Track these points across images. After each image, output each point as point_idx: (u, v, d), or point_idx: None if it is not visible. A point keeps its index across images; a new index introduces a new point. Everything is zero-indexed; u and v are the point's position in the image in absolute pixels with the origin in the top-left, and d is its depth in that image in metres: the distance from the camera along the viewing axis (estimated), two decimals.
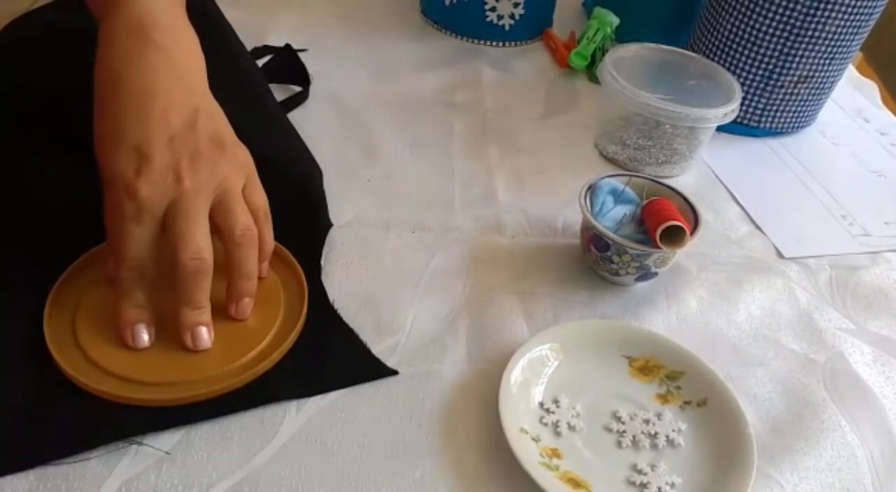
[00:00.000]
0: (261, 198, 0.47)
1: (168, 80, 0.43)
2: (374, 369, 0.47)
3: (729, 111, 0.67)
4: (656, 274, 0.56)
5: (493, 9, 0.87)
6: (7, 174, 0.53)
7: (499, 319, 0.53)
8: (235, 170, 0.45)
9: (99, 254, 0.49)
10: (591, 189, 0.58)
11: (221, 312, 0.46)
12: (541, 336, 0.49)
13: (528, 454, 0.42)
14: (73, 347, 0.44)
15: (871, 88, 0.97)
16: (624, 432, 0.46)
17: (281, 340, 0.46)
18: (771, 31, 0.73)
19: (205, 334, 0.44)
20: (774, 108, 0.78)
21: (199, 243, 0.42)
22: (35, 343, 0.44)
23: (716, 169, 0.75)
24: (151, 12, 0.45)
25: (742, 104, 0.77)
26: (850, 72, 0.99)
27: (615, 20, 0.85)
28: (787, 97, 0.77)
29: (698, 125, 0.67)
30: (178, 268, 0.42)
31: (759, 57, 0.75)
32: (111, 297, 0.44)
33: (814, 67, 0.74)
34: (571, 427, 0.46)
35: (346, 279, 0.54)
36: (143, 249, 0.42)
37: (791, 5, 0.70)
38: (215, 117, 0.46)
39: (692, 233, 0.54)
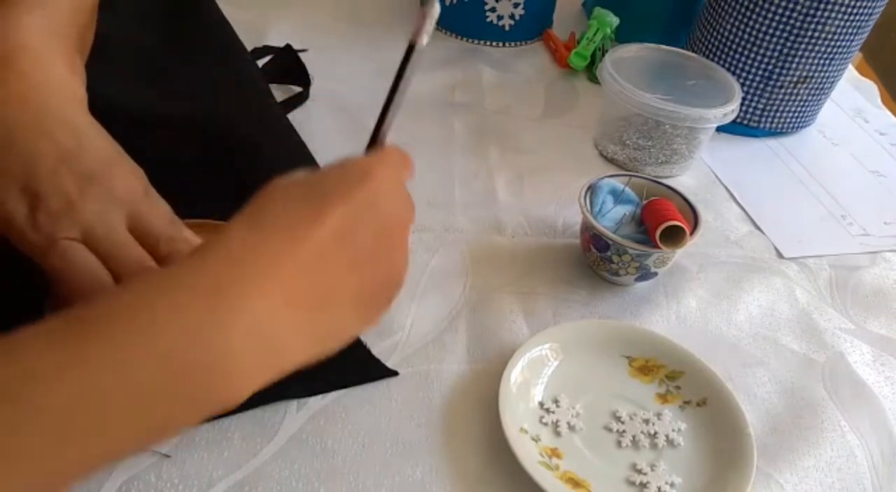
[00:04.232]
0: (164, 205, 0.44)
1: (36, 110, 0.40)
2: (374, 370, 0.48)
3: (729, 111, 0.67)
4: (656, 274, 0.56)
5: (493, 9, 0.87)
6: None
7: (499, 319, 0.53)
8: (132, 185, 0.42)
9: None
10: (591, 189, 0.58)
11: None
12: (541, 336, 0.49)
13: (528, 454, 0.42)
14: None
15: (871, 88, 0.97)
16: (624, 431, 0.46)
17: None
18: (771, 31, 0.73)
19: None
20: (774, 108, 0.78)
21: (135, 257, 0.39)
22: None
23: (716, 169, 0.75)
24: (16, 41, 0.41)
25: (742, 104, 0.77)
26: (850, 72, 0.99)
27: (615, 20, 0.85)
28: (787, 97, 0.77)
29: (698, 125, 0.67)
30: None
31: (758, 57, 0.75)
32: None
33: (814, 67, 0.74)
34: (571, 427, 0.46)
35: None
36: (84, 267, 0.39)
37: (791, 5, 0.70)
38: (96, 139, 0.42)
39: (692, 233, 0.54)
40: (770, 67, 0.75)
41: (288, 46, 0.79)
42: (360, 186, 0.32)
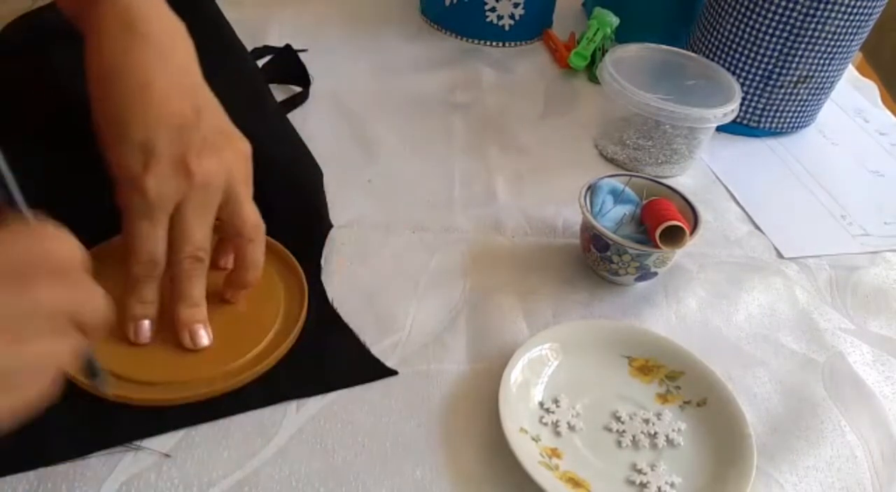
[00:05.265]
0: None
1: (163, 72, 0.43)
2: (373, 369, 0.48)
3: (729, 111, 0.67)
4: (656, 274, 0.56)
5: (493, 9, 0.87)
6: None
7: (499, 319, 0.53)
8: (242, 160, 0.45)
9: (99, 253, 0.48)
10: (591, 189, 0.58)
11: (222, 312, 0.46)
12: (541, 336, 0.49)
13: (528, 454, 0.42)
14: None
15: (871, 88, 0.97)
16: (624, 431, 0.46)
17: (281, 341, 0.46)
18: (771, 31, 0.73)
19: (202, 333, 0.44)
20: (774, 108, 0.78)
21: (199, 240, 0.42)
22: None
23: (716, 169, 0.75)
24: (136, 4, 0.44)
25: (742, 104, 0.77)
26: (850, 72, 0.99)
27: (615, 20, 0.85)
28: (787, 97, 0.77)
29: (698, 125, 0.67)
30: (176, 264, 0.42)
31: (758, 57, 0.75)
32: (111, 296, 0.44)
33: (814, 67, 0.74)
34: (571, 427, 0.46)
35: (346, 279, 0.54)
36: (155, 245, 0.42)
37: (791, 5, 0.70)
38: (214, 108, 0.46)
39: (692, 233, 0.54)
40: (770, 67, 0.75)
41: (288, 46, 0.79)
42: None
